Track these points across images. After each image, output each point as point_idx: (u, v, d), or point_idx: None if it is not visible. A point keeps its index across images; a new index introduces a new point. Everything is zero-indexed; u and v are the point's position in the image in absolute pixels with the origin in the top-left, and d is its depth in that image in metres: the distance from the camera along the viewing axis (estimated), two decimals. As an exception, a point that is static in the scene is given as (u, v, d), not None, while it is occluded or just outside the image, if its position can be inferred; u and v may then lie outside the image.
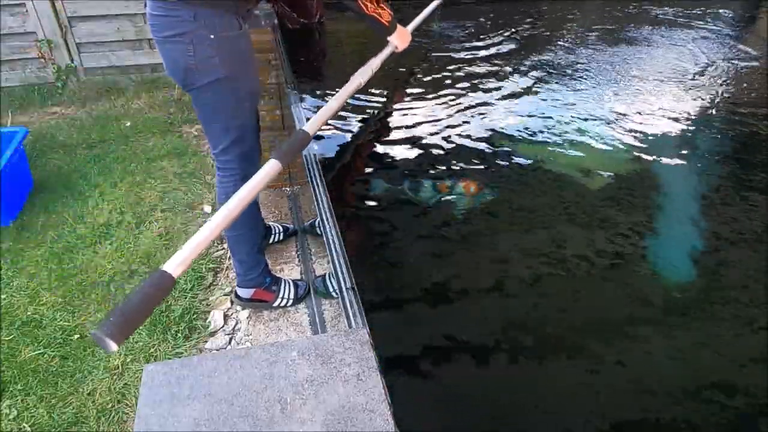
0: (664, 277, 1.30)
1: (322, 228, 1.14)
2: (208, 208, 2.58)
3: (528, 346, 1.10)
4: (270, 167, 1.20)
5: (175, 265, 0.89)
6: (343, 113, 1.79)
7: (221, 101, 1.55)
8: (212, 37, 1.43)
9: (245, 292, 1.99)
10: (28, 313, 1.99)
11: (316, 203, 1.21)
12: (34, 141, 3.07)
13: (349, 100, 1.74)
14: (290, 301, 2.03)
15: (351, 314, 0.88)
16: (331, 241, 1.06)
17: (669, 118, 1.96)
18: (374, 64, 1.73)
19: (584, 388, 1.03)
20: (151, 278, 0.86)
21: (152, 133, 3.24)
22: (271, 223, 2.35)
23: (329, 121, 1.64)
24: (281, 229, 2.35)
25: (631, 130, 1.87)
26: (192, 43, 1.43)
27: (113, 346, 0.76)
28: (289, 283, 2.05)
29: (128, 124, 3.34)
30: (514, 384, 1.03)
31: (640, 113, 1.99)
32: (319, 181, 1.28)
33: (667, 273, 1.31)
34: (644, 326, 1.15)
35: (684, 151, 1.78)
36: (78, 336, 1.91)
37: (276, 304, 2.02)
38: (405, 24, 1.95)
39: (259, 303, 2.02)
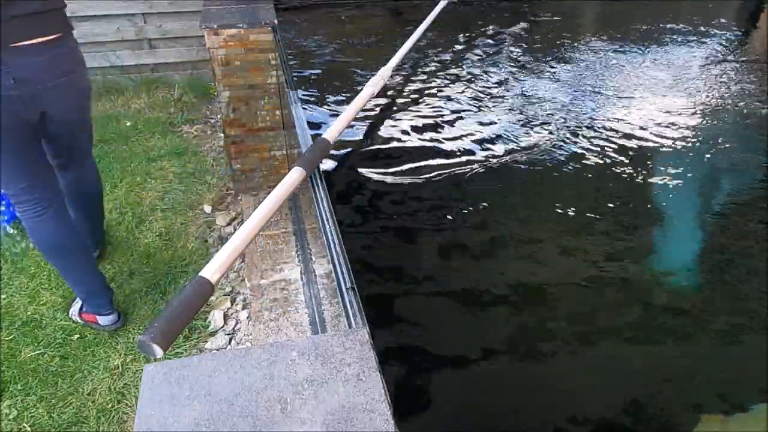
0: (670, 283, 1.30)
1: (322, 228, 1.14)
2: (208, 208, 2.58)
3: (529, 347, 1.10)
4: (296, 175, 1.23)
5: (212, 272, 0.92)
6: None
7: None
8: None
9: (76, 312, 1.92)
10: (28, 313, 1.98)
11: (315, 203, 1.21)
12: (34, 141, 3.07)
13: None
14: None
15: (351, 314, 0.88)
16: (331, 241, 1.06)
17: (674, 121, 1.96)
18: (385, 74, 1.77)
19: (585, 389, 1.03)
20: (191, 285, 0.89)
21: (152, 133, 3.24)
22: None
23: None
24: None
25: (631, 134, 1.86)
26: None
27: (160, 352, 0.77)
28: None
29: (128, 124, 3.34)
30: (514, 385, 1.03)
31: (641, 116, 1.99)
32: (318, 181, 1.28)
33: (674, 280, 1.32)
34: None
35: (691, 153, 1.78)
36: (78, 336, 1.91)
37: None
38: (414, 27, 1.98)
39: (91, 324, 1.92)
